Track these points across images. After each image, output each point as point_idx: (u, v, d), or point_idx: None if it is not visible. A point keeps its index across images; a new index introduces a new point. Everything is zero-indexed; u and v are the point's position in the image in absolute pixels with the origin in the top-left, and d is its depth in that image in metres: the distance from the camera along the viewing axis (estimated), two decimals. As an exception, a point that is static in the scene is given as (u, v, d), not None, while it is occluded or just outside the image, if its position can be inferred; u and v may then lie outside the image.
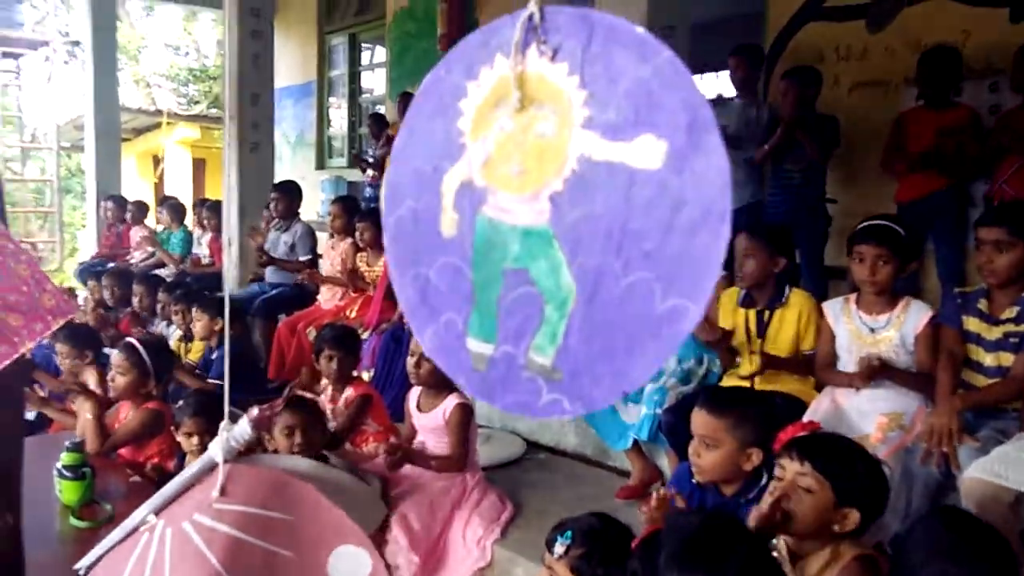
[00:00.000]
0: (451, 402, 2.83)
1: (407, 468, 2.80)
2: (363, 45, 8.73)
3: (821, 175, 4.00)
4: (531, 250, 0.81)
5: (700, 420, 1.95)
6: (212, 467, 1.13)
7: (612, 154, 0.74)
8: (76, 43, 13.97)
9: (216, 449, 1.16)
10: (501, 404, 0.87)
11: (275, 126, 9.32)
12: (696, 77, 0.75)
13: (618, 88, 0.74)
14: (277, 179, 5.83)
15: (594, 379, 0.78)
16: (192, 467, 1.18)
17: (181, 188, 11.90)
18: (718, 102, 4.74)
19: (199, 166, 13.35)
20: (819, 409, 2.51)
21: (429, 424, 2.89)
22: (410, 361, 2.88)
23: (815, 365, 2.66)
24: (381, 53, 8.34)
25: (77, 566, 1.17)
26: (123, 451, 3.03)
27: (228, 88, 5.71)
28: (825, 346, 2.64)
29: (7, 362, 1.57)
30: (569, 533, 1.85)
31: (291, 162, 9.29)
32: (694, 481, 2.02)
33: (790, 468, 1.64)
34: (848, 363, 2.54)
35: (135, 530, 1.10)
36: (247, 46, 5.54)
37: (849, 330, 2.57)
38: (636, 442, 2.94)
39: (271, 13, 5.96)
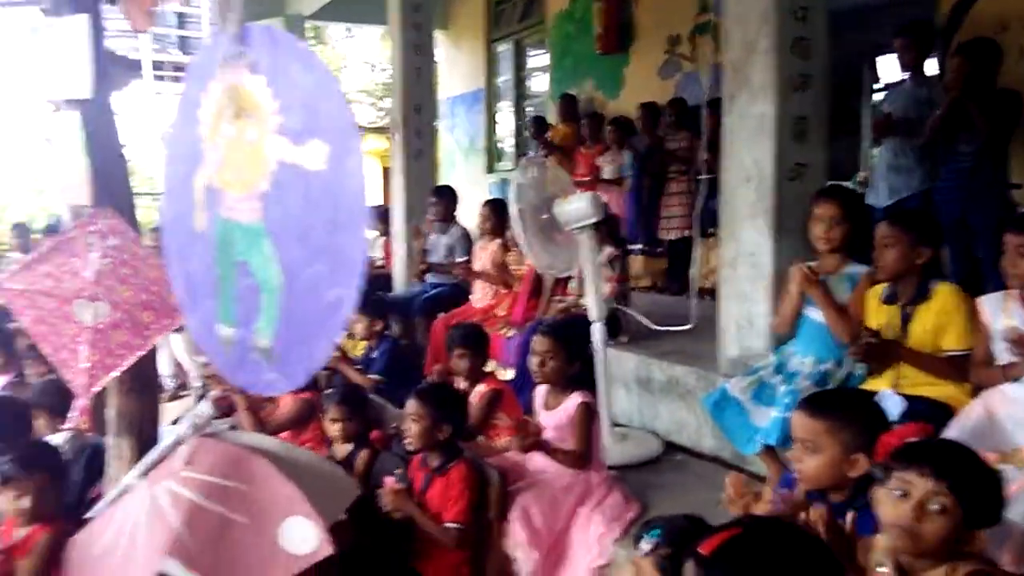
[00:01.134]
0: (575, 400, 2.85)
1: (530, 463, 2.85)
2: (528, 50, 8.93)
3: (1000, 157, 3.56)
4: (250, 245, 0.92)
5: (799, 423, 1.83)
6: (185, 439, 1.27)
7: (295, 157, 0.81)
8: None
9: (184, 425, 1.31)
10: (237, 382, 1.03)
11: (449, 133, 9.80)
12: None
13: (297, 97, 0.79)
14: (450, 184, 6.14)
15: (298, 358, 0.88)
16: (167, 439, 1.32)
17: (373, 196, 12.78)
18: (889, 87, 4.37)
19: (387, 175, 14.25)
20: (970, 416, 2.25)
21: (554, 422, 2.92)
22: (533, 360, 2.93)
23: (969, 364, 2.39)
24: (544, 58, 8.49)
25: (88, 515, 1.34)
26: (282, 436, 3.34)
27: (395, 99, 6.07)
28: (981, 344, 2.37)
29: (141, 353, 1.81)
30: (657, 531, 1.81)
31: (464, 167, 9.69)
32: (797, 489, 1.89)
33: (920, 485, 1.48)
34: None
35: (123, 491, 1.25)
36: (410, 59, 5.87)
37: (1008, 326, 2.29)
38: (771, 446, 2.80)
39: (431, 27, 6.26)
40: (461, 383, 3.40)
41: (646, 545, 1.79)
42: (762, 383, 2.79)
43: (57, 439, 3.03)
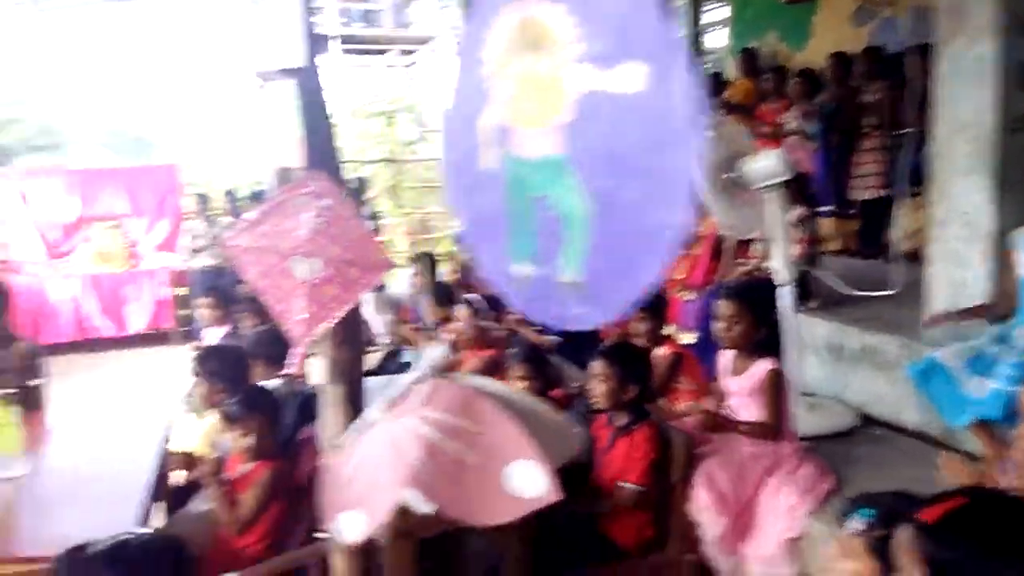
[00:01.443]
0: (763, 366, 2.74)
1: (716, 427, 2.79)
2: (703, 3, 8.52)
3: None
4: (548, 178, 0.89)
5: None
6: (423, 380, 1.32)
7: (603, 83, 0.76)
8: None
9: (422, 366, 1.36)
10: (538, 318, 0.99)
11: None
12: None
13: (603, 22, 0.73)
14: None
15: (613, 289, 0.84)
16: (408, 378, 1.38)
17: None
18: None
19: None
20: None
21: (741, 387, 2.83)
22: (719, 325, 2.84)
23: None
24: (721, 11, 8.07)
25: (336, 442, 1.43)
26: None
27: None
28: None
29: (349, 306, 1.93)
30: (871, 511, 1.70)
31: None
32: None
33: None
34: None
35: (369, 424, 1.33)
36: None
37: None
38: (986, 421, 2.55)
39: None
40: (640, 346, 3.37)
41: (858, 524, 1.68)
42: (979, 353, 2.55)
43: (271, 385, 3.33)
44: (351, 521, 1.12)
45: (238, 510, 2.62)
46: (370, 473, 1.14)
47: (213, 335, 4.42)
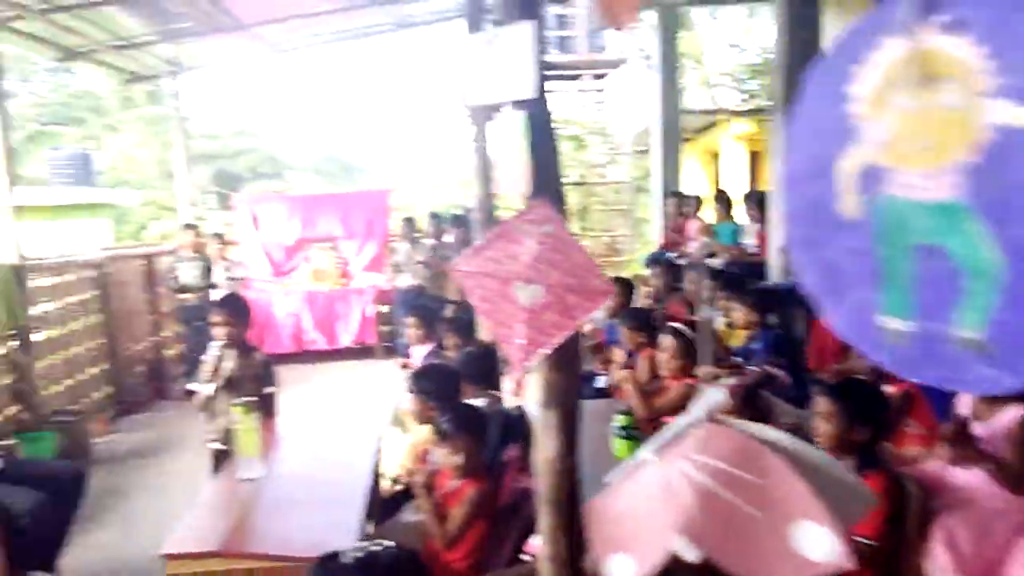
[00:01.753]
0: (1014, 412, 2.44)
1: (950, 477, 2.51)
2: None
3: None
4: (943, 224, 0.76)
5: None
6: (697, 424, 1.26)
7: (1020, 119, 0.63)
8: (648, 57, 15.71)
9: (697, 409, 1.29)
10: (922, 378, 0.85)
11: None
12: None
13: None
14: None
15: None
16: (681, 422, 1.32)
17: (738, 181, 12.43)
18: None
19: (755, 159, 13.75)
20: None
21: (985, 434, 2.53)
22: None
23: None
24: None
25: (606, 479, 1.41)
26: (668, 419, 3.39)
27: (775, 78, 5.76)
28: None
29: (567, 333, 1.94)
30: None
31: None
32: None
33: None
34: None
35: (639, 465, 1.30)
36: (795, 34, 5.52)
37: None
38: None
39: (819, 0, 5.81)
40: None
41: None
42: None
43: (477, 404, 3.44)
44: (621, 565, 1.10)
45: (446, 525, 2.70)
46: (640, 516, 1.12)
47: (418, 353, 4.63)
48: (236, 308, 3.78)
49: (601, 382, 4.76)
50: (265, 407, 3.62)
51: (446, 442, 2.74)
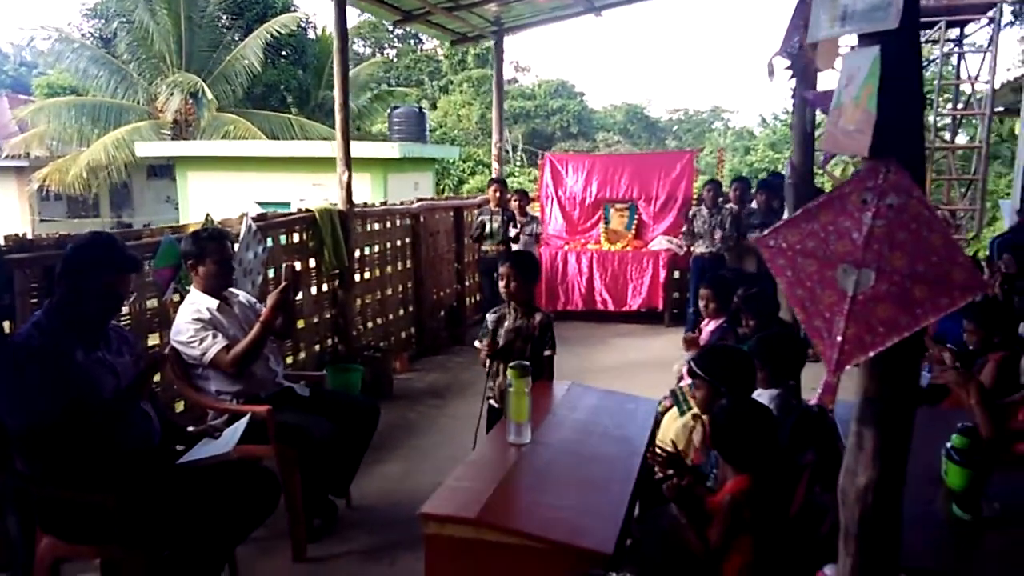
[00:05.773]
0: None
1: None
2: None
3: None
4: None
5: None
6: None
7: None
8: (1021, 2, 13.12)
9: None
10: None
11: None
12: None
13: None
14: None
15: None
16: None
17: None
18: None
19: None
20: None
21: None
22: None
23: None
24: None
25: None
26: None
27: None
28: None
29: (906, 334, 1.47)
30: None
31: None
32: None
33: None
34: None
35: None
36: None
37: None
38: None
39: None
40: None
41: None
42: None
43: (765, 397, 3.00)
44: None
45: (714, 527, 2.38)
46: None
47: (708, 328, 4.25)
48: (523, 266, 3.71)
49: (924, 380, 4.00)
50: (541, 370, 3.53)
51: (719, 438, 2.40)
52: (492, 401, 3.71)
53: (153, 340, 4.17)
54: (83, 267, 2.62)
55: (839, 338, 1.50)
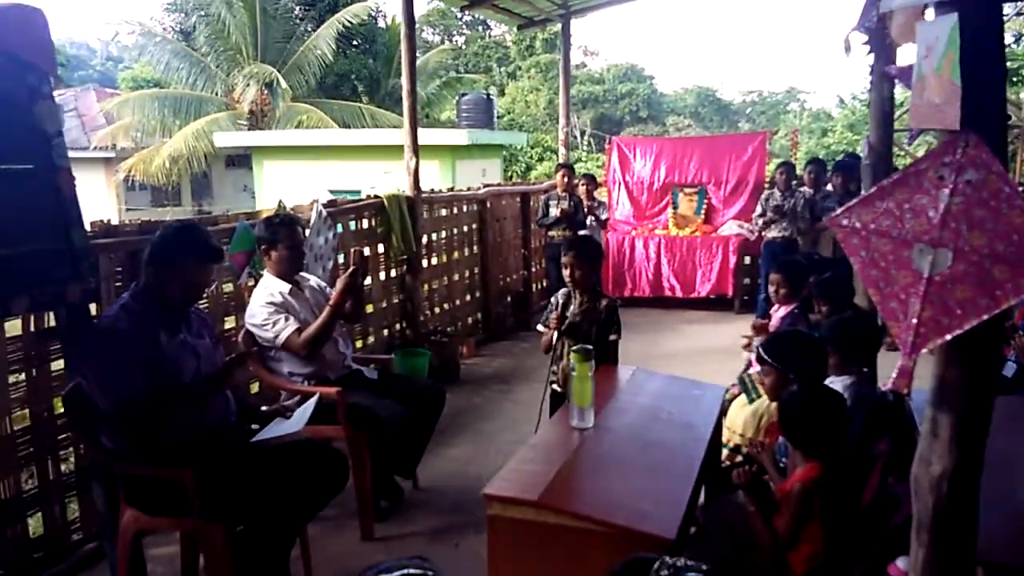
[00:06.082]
0: None
1: None
2: None
3: None
4: None
5: None
6: None
7: None
8: None
9: None
10: None
11: None
12: None
13: None
14: None
15: None
16: None
17: None
18: None
19: None
20: None
21: None
22: None
23: None
24: None
25: None
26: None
27: None
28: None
29: (985, 316, 1.41)
30: None
31: None
32: None
33: None
34: None
35: None
36: None
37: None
38: None
39: None
40: None
41: None
42: None
43: (838, 384, 2.92)
44: None
45: (783, 517, 2.33)
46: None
47: (779, 314, 4.14)
48: (588, 251, 3.69)
49: (1009, 369, 3.82)
50: (606, 355, 3.51)
51: (788, 425, 2.34)
52: (555, 385, 3.71)
53: (229, 323, 4.32)
54: (170, 254, 2.73)
55: (914, 320, 1.44)
